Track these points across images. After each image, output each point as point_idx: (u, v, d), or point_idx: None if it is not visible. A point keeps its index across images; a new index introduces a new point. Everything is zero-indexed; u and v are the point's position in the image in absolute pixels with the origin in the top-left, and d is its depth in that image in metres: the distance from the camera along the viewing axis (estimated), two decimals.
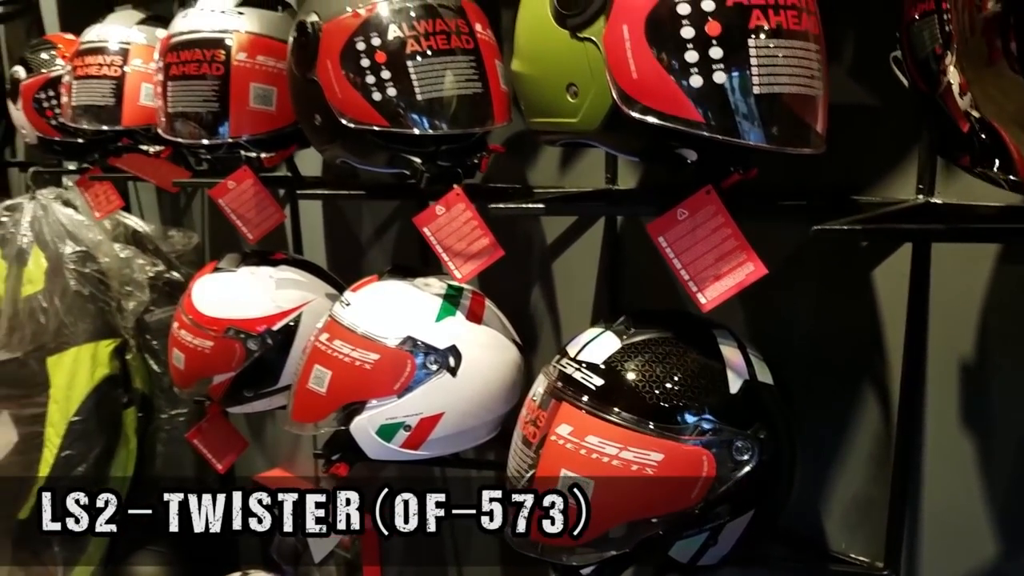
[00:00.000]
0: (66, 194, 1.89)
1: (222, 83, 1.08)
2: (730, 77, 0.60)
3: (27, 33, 2.14)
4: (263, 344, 1.19)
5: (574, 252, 1.12)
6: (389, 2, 0.86)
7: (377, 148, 0.91)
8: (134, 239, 1.86)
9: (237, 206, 1.19)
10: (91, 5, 1.85)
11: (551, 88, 0.68)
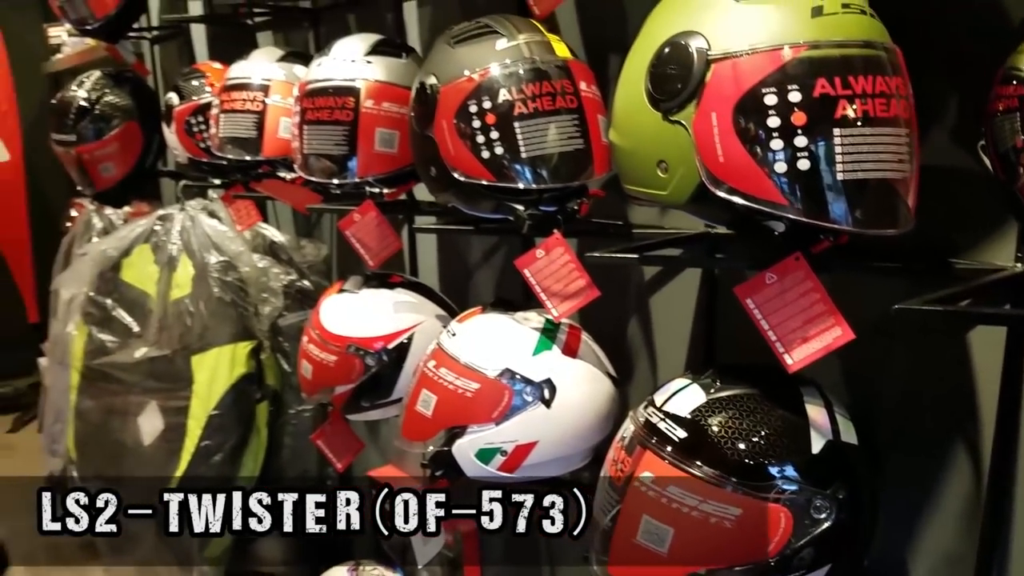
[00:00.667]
0: (211, 205, 2.09)
1: (351, 128, 1.18)
2: (814, 165, 0.62)
3: (179, 55, 2.36)
4: (379, 360, 1.30)
5: (672, 288, 1.16)
6: (502, 65, 0.92)
7: (484, 197, 0.98)
8: (270, 250, 2.03)
9: (361, 236, 1.30)
10: (235, 33, 2.04)
11: (643, 163, 0.73)
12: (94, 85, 2.08)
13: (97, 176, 2.12)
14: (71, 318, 2.16)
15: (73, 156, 2.09)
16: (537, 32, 0.96)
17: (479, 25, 0.97)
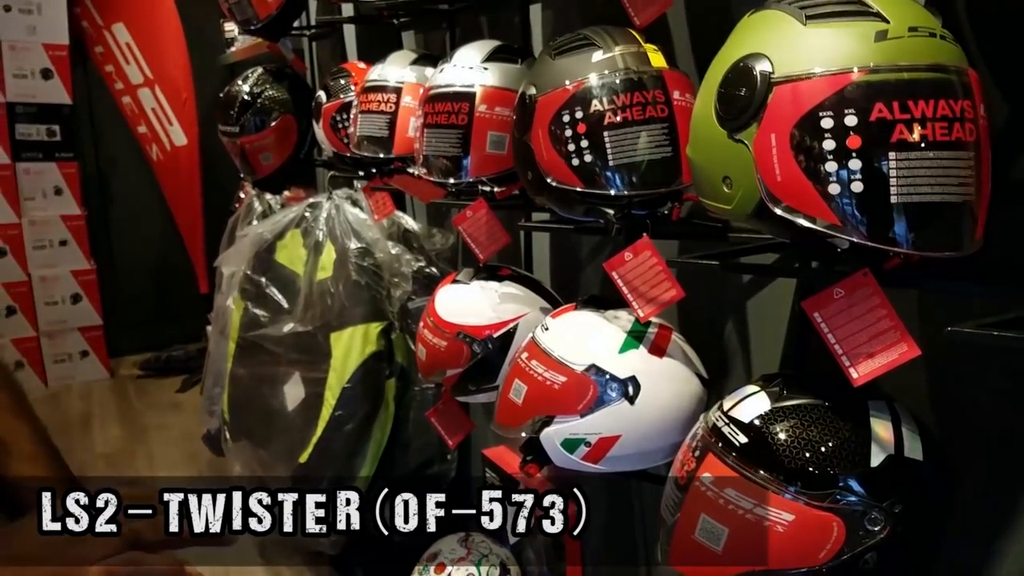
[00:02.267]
0: (355, 195, 2.26)
1: (465, 131, 1.27)
2: (869, 187, 0.64)
3: (332, 52, 2.56)
4: (485, 348, 1.39)
5: (769, 291, 1.16)
6: (598, 75, 0.98)
7: (576, 202, 1.04)
8: (404, 237, 2.18)
9: (472, 231, 1.39)
10: (381, 32, 2.19)
11: (711, 177, 0.76)
12: (256, 81, 2.30)
13: (258, 164, 2.35)
14: (230, 293, 2.42)
15: (237, 146, 2.33)
16: (634, 43, 1.00)
17: (578, 37, 1.03)
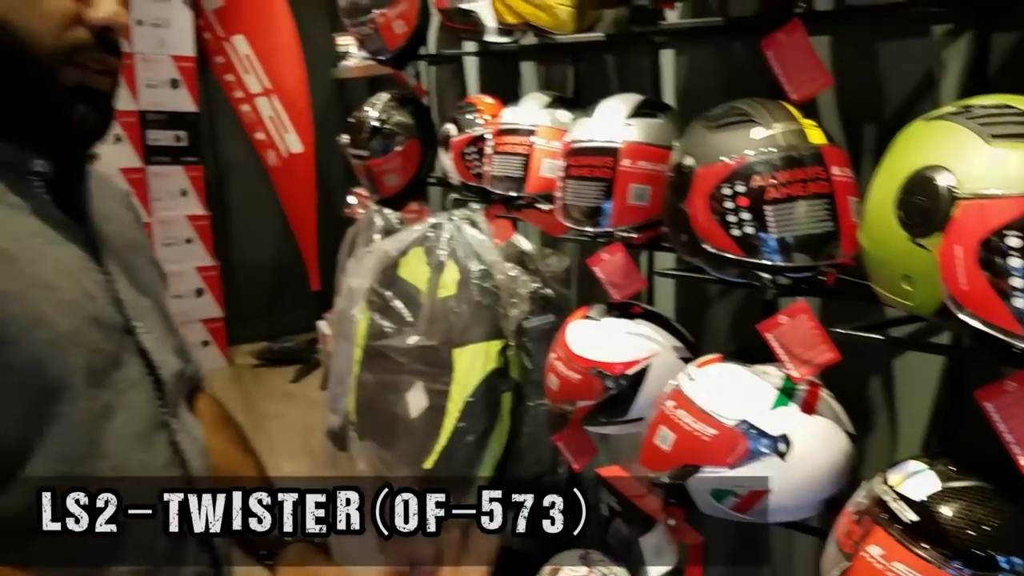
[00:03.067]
0: (473, 216, 2.35)
1: (608, 184, 1.33)
2: None
3: (452, 77, 2.65)
4: (618, 384, 1.45)
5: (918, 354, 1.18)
6: (756, 152, 1.02)
7: (732, 266, 1.08)
8: (520, 259, 2.26)
9: (608, 273, 1.46)
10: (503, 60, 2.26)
11: (889, 273, 0.80)
12: (383, 107, 2.42)
13: (383, 185, 2.48)
14: (356, 303, 2.56)
15: (365, 168, 2.46)
16: (792, 120, 1.04)
17: (736, 111, 1.07)
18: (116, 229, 0.86)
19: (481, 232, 2.30)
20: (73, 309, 0.73)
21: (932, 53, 1.06)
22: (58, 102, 0.72)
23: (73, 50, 0.71)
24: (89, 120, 0.75)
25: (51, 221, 0.75)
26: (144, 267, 0.89)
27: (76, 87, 0.72)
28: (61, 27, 0.70)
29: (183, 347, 0.98)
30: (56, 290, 0.72)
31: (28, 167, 0.75)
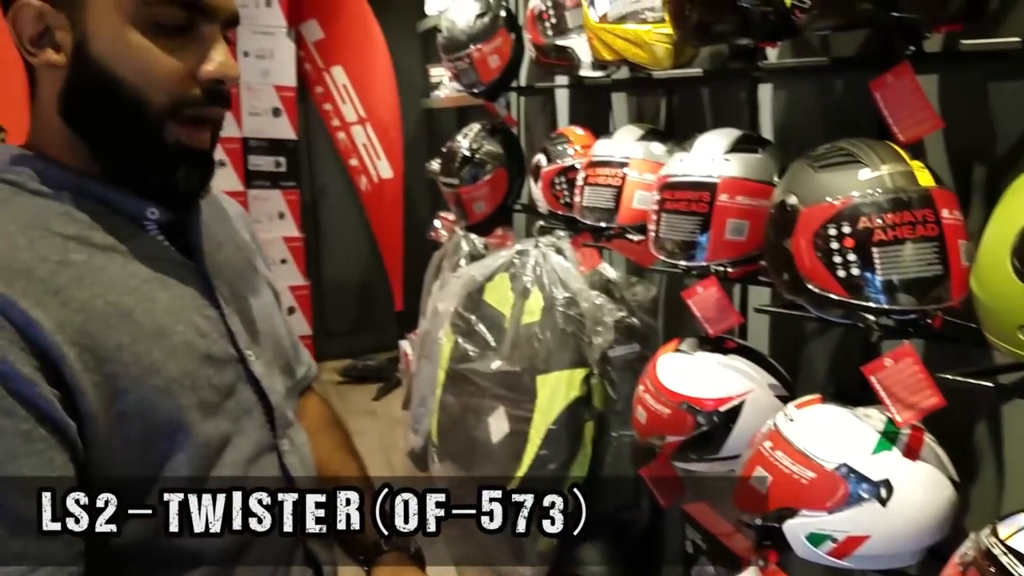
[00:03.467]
0: (559, 243, 2.38)
1: (705, 219, 1.33)
2: None
3: (541, 107, 2.70)
4: (710, 420, 1.44)
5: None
6: (862, 195, 1.01)
7: (836, 307, 1.07)
8: (605, 287, 2.27)
9: (702, 307, 1.45)
10: (595, 96, 2.29)
11: (1003, 322, 0.78)
12: (475, 137, 2.48)
13: (471, 212, 2.54)
14: (441, 326, 2.61)
15: (454, 195, 2.52)
16: (900, 161, 1.03)
17: (842, 152, 1.06)
18: (230, 255, 0.90)
19: (567, 259, 2.33)
20: (184, 351, 0.77)
21: None
22: (163, 160, 0.76)
23: (183, 104, 0.74)
24: (191, 180, 0.79)
25: (165, 264, 0.79)
26: (256, 289, 0.92)
27: (176, 145, 0.75)
28: (173, 84, 0.73)
29: (296, 350, 1.03)
30: (168, 335, 0.75)
31: (144, 214, 0.79)
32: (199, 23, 0.73)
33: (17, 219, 0.72)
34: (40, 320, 0.67)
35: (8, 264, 0.68)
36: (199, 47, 0.74)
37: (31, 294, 0.68)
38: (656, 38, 1.54)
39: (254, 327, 0.87)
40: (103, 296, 0.72)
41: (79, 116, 0.75)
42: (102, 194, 0.76)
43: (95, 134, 0.75)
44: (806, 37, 1.28)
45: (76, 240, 0.73)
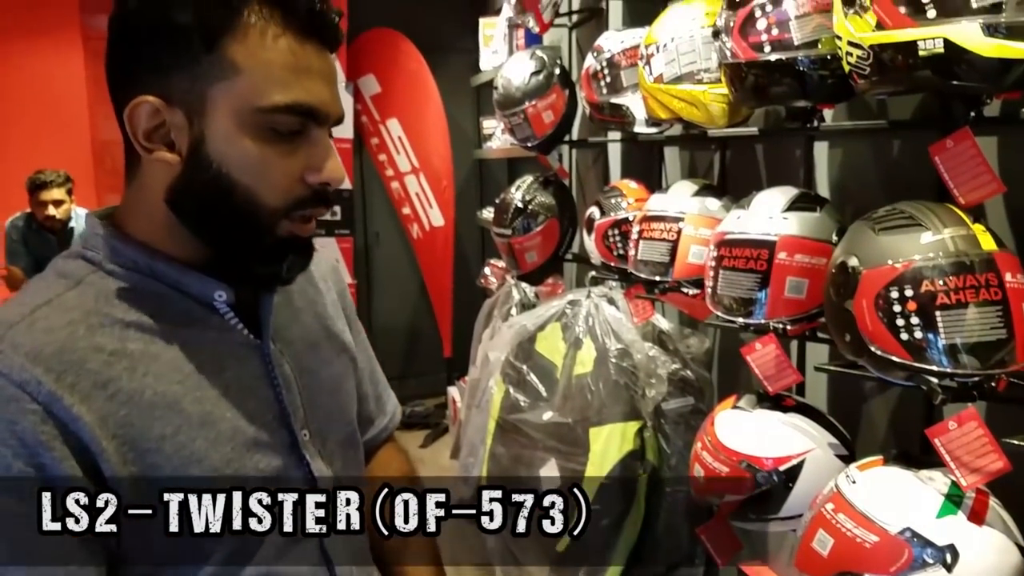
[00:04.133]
0: (611, 293, 2.40)
1: (764, 277, 1.35)
2: None
3: (593, 160, 2.75)
4: (770, 480, 1.42)
5: None
6: (924, 258, 1.02)
7: (898, 369, 1.07)
8: (658, 338, 2.28)
9: (761, 364, 1.45)
10: (648, 150, 2.33)
11: None
12: (527, 189, 2.54)
13: (523, 261, 2.58)
14: (492, 375, 2.64)
15: (507, 245, 2.57)
16: (961, 224, 1.03)
17: (903, 215, 1.07)
18: (305, 326, 0.90)
19: (619, 310, 2.34)
20: (229, 437, 0.77)
21: None
22: (272, 251, 0.78)
23: (294, 206, 0.76)
24: (295, 266, 0.81)
25: (227, 345, 0.80)
26: (327, 359, 0.92)
27: (288, 237, 0.77)
28: (286, 187, 0.75)
29: (380, 402, 1.06)
30: (214, 423, 0.76)
31: (212, 296, 0.79)
32: (310, 128, 0.75)
33: (84, 302, 0.75)
34: (83, 416, 0.69)
35: (63, 356, 0.71)
36: (309, 150, 0.76)
37: (79, 388, 0.70)
38: (712, 98, 1.57)
39: (316, 402, 0.87)
40: (152, 386, 0.74)
41: (188, 209, 0.76)
42: (173, 276, 0.78)
43: (204, 227, 0.77)
44: (863, 98, 1.30)
45: (136, 327, 0.75)
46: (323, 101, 0.75)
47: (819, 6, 1.24)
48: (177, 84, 0.72)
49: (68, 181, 3.92)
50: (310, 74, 0.74)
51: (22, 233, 3.96)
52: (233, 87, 0.71)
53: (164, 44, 0.72)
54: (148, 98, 0.72)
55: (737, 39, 1.32)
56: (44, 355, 0.70)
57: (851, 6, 1.03)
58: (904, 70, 0.98)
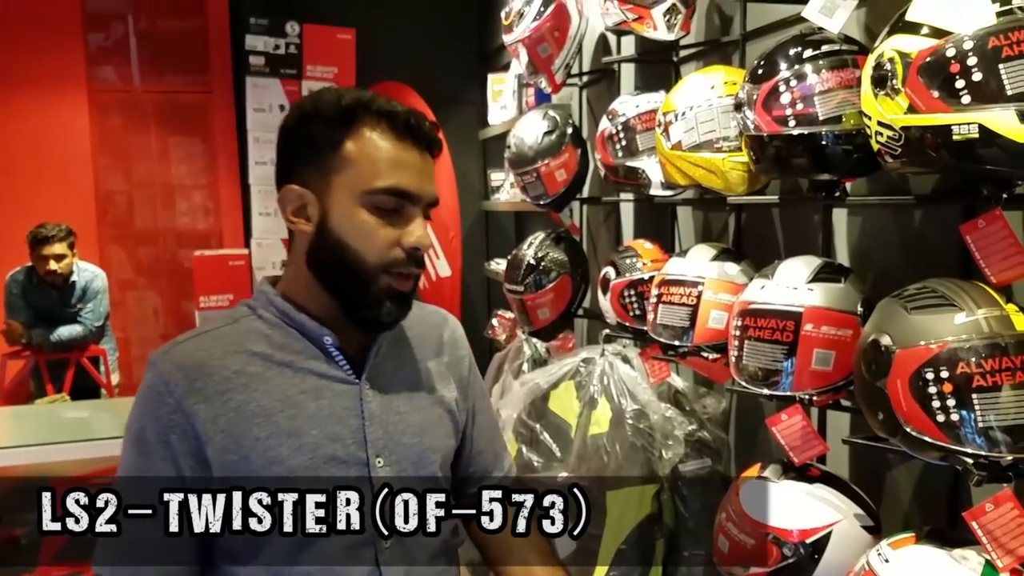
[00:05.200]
0: (625, 352, 2.39)
1: (790, 348, 1.34)
2: None
3: (604, 217, 2.76)
4: (796, 552, 1.40)
5: None
6: (958, 340, 1.01)
7: (934, 450, 1.06)
8: (674, 398, 2.26)
9: (787, 435, 1.44)
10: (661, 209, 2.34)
11: None
12: (539, 245, 2.55)
13: (535, 318, 2.57)
14: (505, 433, 2.61)
15: (519, 301, 2.57)
16: (995, 305, 1.03)
17: (936, 294, 1.07)
18: (409, 375, 1.10)
19: (634, 369, 2.33)
20: (311, 450, 0.97)
21: None
22: (374, 302, 0.99)
23: (391, 265, 0.98)
24: (393, 314, 1.01)
25: (328, 379, 1.02)
26: (421, 407, 1.09)
27: (387, 290, 0.99)
28: (384, 249, 0.97)
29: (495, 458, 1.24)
30: (299, 436, 0.97)
31: (323, 339, 1.02)
32: (406, 206, 0.98)
33: (231, 335, 1.01)
34: (201, 413, 0.94)
35: (200, 369, 0.96)
36: (405, 223, 0.98)
37: (204, 392, 0.95)
38: (731, 166, 1.59)
39: (396, 438, 1.04)
40: (258, 400, 0.97)
41: (319, 268, 1.01)
42: (298, 323, 1.02)
43: (329, 281, 1.01)
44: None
45: (260, 357, 1.00)
46: (415, 186, 0.98)
47: (843, 82, 1.26)
48: (311, 175, 0.99)
49: (70, 235, 3.91)
50: (406, 166, 0.98)
51: (22, 287, 3.95)
52: (349, 175, 0.97)
53: (304, 148, 0.99)
54: (293, 186, 1.00)
55: (760, 112, 1.34)
56: (186, 366, 0.97)
57: (882, 87, 1.04)
58: (936, 152, 0.99)
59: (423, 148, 1.01)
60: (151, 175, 4.55)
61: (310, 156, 0.99)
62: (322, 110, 0.99)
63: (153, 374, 0.97)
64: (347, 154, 0.97)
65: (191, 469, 0.94)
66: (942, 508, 1.38)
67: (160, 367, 0.97)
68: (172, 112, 4.54)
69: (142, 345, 4.55)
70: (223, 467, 0.94)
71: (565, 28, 2.36)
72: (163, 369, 0.97)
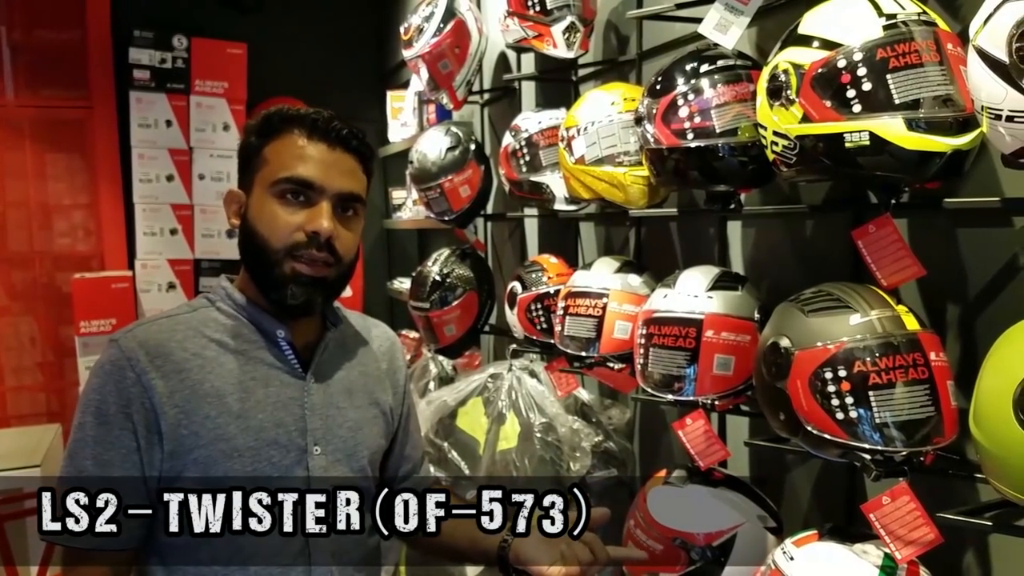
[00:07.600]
0: (532, 366, 2.39)
1: (692, 354, 1.37)
2: None
3: (509, 234, 2.77)
4: (703, 556, 1.43)
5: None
6: (853, 340, 1.06)
7: (833, 447, 1.10)
8: (581, 411, 2.28)
9: (692, 440, 1.46)
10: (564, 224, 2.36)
11: (1010, 470, 0.82)
12: (444, 262, 2.52)
13: (442, 335, 2.54)
14: None
15: (425, 319, 2.53)
16: (887, 306, 1.08)
17: (831, 297, 1.12)
18: (348, 376, 1.18)
19: (541, 383, 2.33)
20: (256, 432, 1.06)
21: (1015, 242, 1.11)
22: (279, 284, 1.07)
23: (293, 247, 1.06)
24: (299, 296, 1.07)
25: (276, 370, 1.11)
26: (359, 405, 1.18)
27: (292, 273, 1.07)
28: (287, 234, 1.06)
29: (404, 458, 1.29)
30: (246, 418, 1.06)
31: (276, 333, 1.11)
32: (311, 196, 1.07)
33: (190, 321, 1.10)
34: (158, 388, 1.03)
35: (160, 347, 1.05)
36: (309, 211, 1.07)
37: (163, 369, 1.04)
38: (632, 180, 1.62)
39: (333, 431, 1.13)
40: (211, 381, 1.06)
41: (243, 257, 1.12)
42: (254, 316, 1.12)
43: (248, 267, 1.12)
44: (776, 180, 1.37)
45: (216, 343, 1.09)
46: (319, 177, 1.07)
47: (738, 96, 1.31)
48: (245, 179, 1.12)
49: None
50: (311, 159, 1.07)
51: None
52: (264, 171, 1.09)
53: (242, 158, 1.13)
54: (233, 189, 1.13)
55: (660, 126, 1.37)
56: (148, 344, 1.05)
57: (777, 98, 1.08)
58: (830, 159, 1.04)
59: (335, 145, 1.09)
60: (25, 194, 4.24)
61: (245, 164, 1.12)
62: (255, 123, 1.12)
63: (116, 350, 1.05)
64: (265, 155, 1.09)
65: (145, 440, 1.02)
66: (840, 505, 1.44)
67: (123, 344, 1.05)
68: (49, 128, 4.25)
69: (17, 375, 4.21)
70: (173, 440, 1.02)
71: (465, 45, 2.36)
72: (126, 346, 1.04)
